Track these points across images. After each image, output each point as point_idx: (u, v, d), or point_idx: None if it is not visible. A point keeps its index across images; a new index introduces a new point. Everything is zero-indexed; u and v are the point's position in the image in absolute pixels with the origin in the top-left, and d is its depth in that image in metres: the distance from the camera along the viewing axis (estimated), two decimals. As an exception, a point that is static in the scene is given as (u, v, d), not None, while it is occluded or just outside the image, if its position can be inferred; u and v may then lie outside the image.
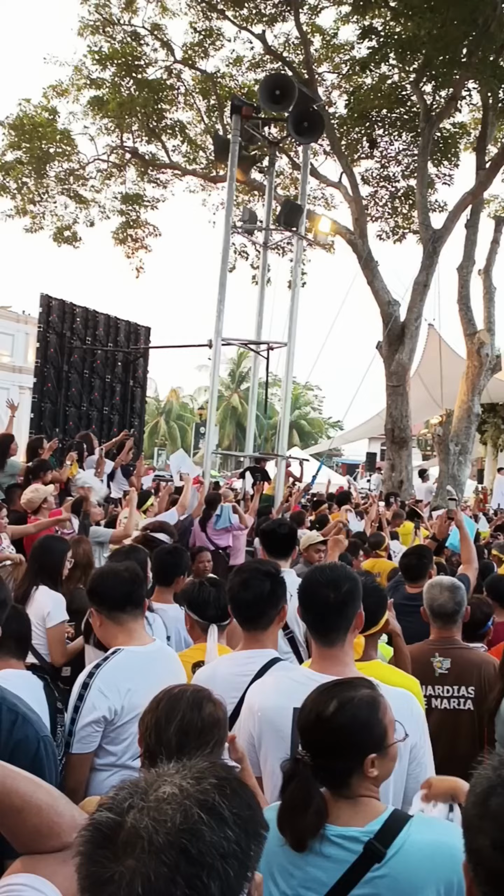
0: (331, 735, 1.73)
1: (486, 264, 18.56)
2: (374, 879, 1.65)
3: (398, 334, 17.00)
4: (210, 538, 8.43)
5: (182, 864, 0.90)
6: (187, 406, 59.13)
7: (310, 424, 58.44)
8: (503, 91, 16.36)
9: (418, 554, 5.47)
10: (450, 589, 3.61)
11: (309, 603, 2.37)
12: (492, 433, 24.82)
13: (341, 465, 37.62)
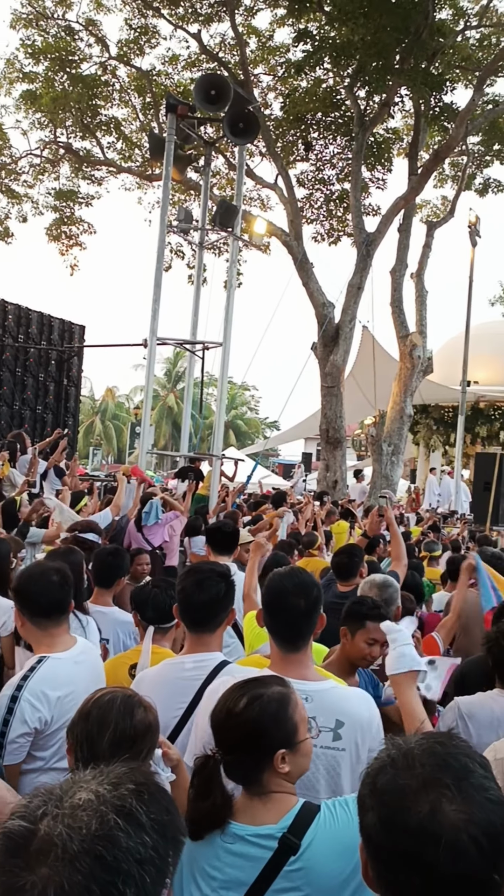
0: (239, 730, 1.75)
1: (418, 268, 18.90)
2: (291, 873, 1.68)
3: (333, 336, 17.19)
4: (145, 537, 8.38)
5: (97, 871, 0.89)
6: (123, 405, 58.60)
7: (246, 424, 58.61)
8: (434, 99, 16.70)
9: (349, 553, 5.54)
10: (380, 586, 3.67)
11: (278, 611, 2.35)
12: (424, 434, 25.24)
13: (278, 466, 37.80)
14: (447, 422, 24.03)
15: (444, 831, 1.01)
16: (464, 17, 17.81)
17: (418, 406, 23.28)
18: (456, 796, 1.04)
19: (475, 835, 1.01)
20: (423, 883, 1.01)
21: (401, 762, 1.11)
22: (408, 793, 1.06)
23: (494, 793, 1.07)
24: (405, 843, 1.03)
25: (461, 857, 1.00)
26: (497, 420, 23.14)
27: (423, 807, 1.04)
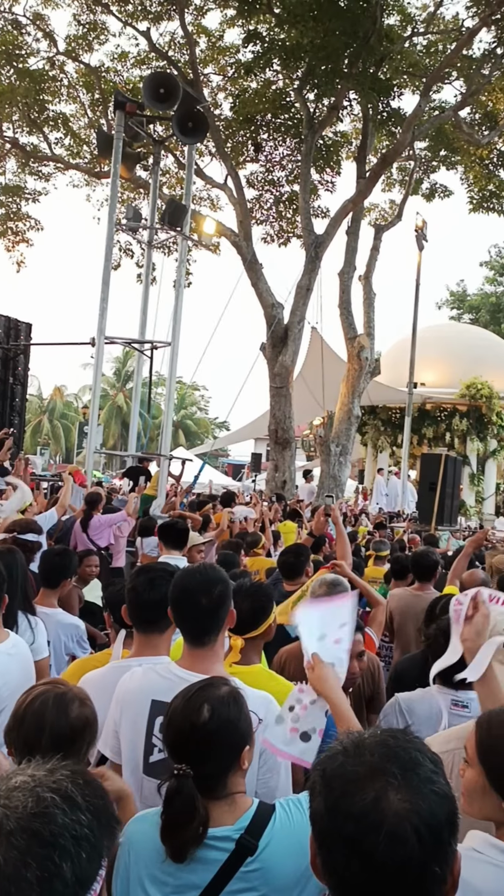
0: (211, 740, 1.71)
1: (366, 271, 19.08)
2: (248, 874, 1.67)
3: (281, 336, 17.27)
4: (91, 538, 8.30)
5: (33, 846, 0.91)
6: (71, 405, 57.95)
7: (196, 424, 58.48)
8: (382, 103, 16.91)
9: (295, 552, 5.57)
10: (329, 584, 3.70)
11: (181, 609, 2.35)
12: (372, 435, 25.52)
13: (227, 466, 37.83)
14: (394, 423, 24.34)
15: (386, 819, 1.03)
16: (411, 23, 18.05)
17: (366, 407, 23.53)
18: (402, 786, 1.06)
19: (417, 825, 1.02)
20: (362, 869, 1.02)
21: (352, 750, 1.12)
22: (355, 779, 1.07)
23: (441, 787, 1.09)
24: (348, 828, 1.04)
25: (401, 846, 1.01)
26: (443, 422, 23.52)
27: (368, 794, 1.05)
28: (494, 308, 40.20)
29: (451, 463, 16.86)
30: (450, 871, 1.07)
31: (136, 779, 2.26)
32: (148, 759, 2.25)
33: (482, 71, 17.11)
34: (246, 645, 2.92)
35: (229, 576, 5.09)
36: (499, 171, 19.69)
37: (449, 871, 1.07)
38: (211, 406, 64.39)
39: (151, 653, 2.66)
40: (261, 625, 2.97)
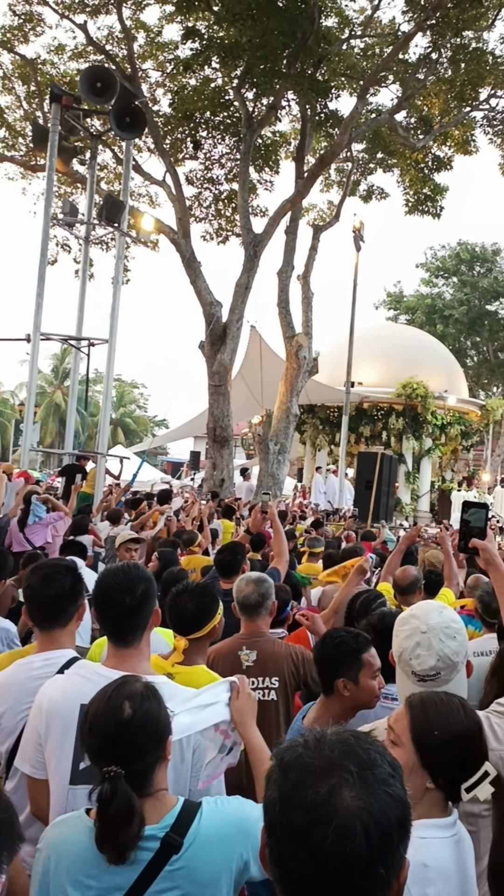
0: (135, 737, 1.69)
1: (304, 270, 19.21)
2: (172, 872, 1.66)
3: (220, 335, 17.26)
4: (27, 537, 8.18)
5: None
6: (7, 402, 56.79)
7: (135, 422, 58.00)
8: (320, 105, 17.04)
9: (232, 550, 5.57)
10: (255, 582, 3.70)
11: (104, 607, 2.33)
12: (310, 433, 25.70)
13: (166, 464, 37.64)
14: (333, 422, 24.57)
15: (337, 814, 1.03)
16: (349, 25, 18.26)
17: (305, 406, 23.69)
18: (356, 783, 1.06)
19: (367, 823, 1.03)
20: (308, 861, 1.02)
21: (312, 744, 1.12)
22: (311, 772, 1.08)
23: (396, 791, 1.09)
24: (299, 819, 1.04)
25: (348, 842, 1.01)
26: (380, 420, 23.83)
27: (322, 787, 1.05)
28: (430, 309, 40.92)
29: (386, 461, 17.16)
30: (395, 876, 1.07)
31: (63, 790, 2.21)
32: (78, 765, 2.21)
33: (417, 75, 17.41)
34: (190, 646, 2.93)
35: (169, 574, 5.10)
36: (433, 175, 20.06)
37: (395, 876, 1.07)
38: (150, 404, 63.95)
39: (54, 647, 2.64)
40: (205, 626, 2.98)
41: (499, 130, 19.08)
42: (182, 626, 2.98)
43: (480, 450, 33.15)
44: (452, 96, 18.13)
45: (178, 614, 3.00)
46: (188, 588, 3.06)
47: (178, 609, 3.00)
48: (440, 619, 2.10)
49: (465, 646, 2.13)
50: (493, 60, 17.43)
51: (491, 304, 40.97)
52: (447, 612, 2.15)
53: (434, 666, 2.05)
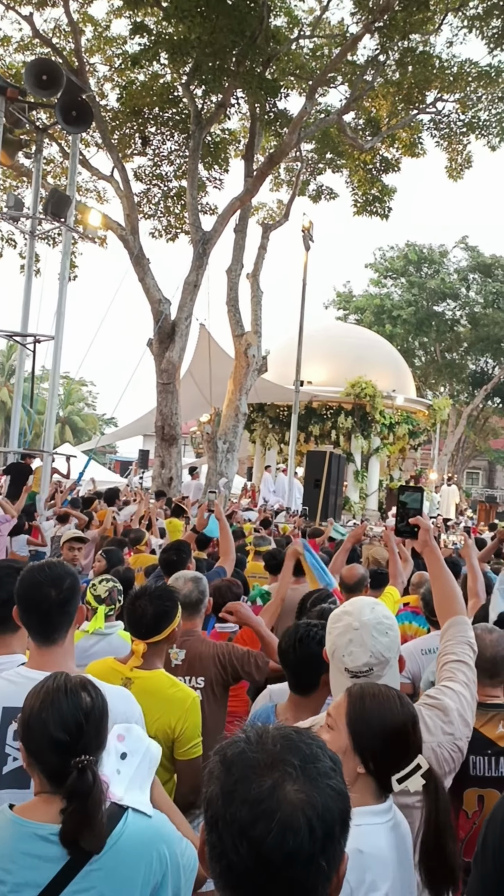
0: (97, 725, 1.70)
1: (253, 269, 19.22)
2: (91, 873, 1.63)
3: (169, 332, 17.16)
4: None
5: None
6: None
7: (83, 420, 57.38)
8: (269, 104, 17.08)
9: (177, 549, 5.54)
10: (193, 580, 3.70)
11: (29, 603, 2.27)
12: (260, 432, 25.74)
13: (115, 463, 37.36)
14: (282, 420, 24.64)
15: (280, 808, 1.03)
16: (298, 25, 18.33)
17: (255, 405, 23.73)
18: (300, 777, 1.06)
19: (310, 817, 1.03)
20: (250, 854, 1.02)
21: (254, 739, 1.12)
22: (254, 766, 1.08)
23: (338, 784, 1.10)
24: (242, 813, 1.04)
25: (291, 835, 1.02)
26: (329, 419, 23.98)
27: (265, 781, 1.05)
28: (378, 310, 41.34)
29: (335, 460, 17.27)
30: (336, 870, 1.08)
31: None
32: (1, 770, 2.15)
33: (366, 77, 17.56)
34: (148, 650, 2.90)
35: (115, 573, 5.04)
36: (382, 176, 20.26)
37: (335, 870, 1.08)
38: (99, 402, 63.36)
39: (4, 651, 2.58)
40: (164, 630, 2.95)
41: (445, 134, 19.36)
42: (141, 630, 2.94)
43: (428, 449, 33.63)
44: (400, 99, 18.33)
45: (137, 618, 2.95)
46: (147, 591, 3.01)
47: (137, 613, 2.95)
48: (373, 616, 2.10)
49: (398, 641, 2.15)
50: (439, 64, 17.69)
51: (438, 306, 41.58)
52: (379, 609, 2.16)
53: (367, 662, 2.05)
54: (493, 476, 52.56)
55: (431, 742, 2.07)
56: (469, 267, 41.52)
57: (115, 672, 2.90)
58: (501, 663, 2.98)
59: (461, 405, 41.40)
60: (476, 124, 18.97)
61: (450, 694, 2.21)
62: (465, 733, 2.17)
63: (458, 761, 2.15)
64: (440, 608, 2.56)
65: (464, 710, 2.19)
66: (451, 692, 2.21)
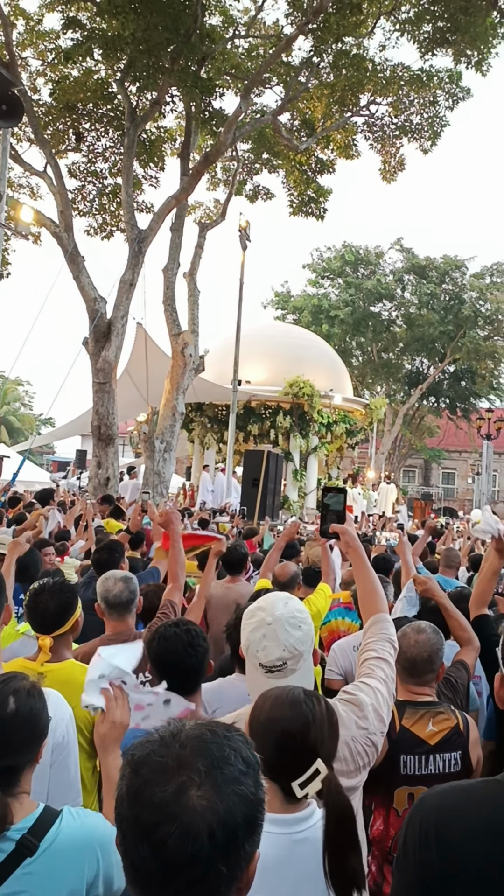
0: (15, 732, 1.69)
1: (190, 268, 19.17)
2: (23, 876, 1.62)
3: (104, 331, 16.96)
4: None
5: None
6: None
7: (19, 420, 56.32)
8: (204, 102, 17.04)
9: (109, 549, 5.51)
10: (123, 580, 3.67)
11: None
12: (199, 431, 25.68)
13: (52, 463, 36.81)
14: (221, 420, 24.63)
15: (183, 813, 1.04)
16: (233, 25, 18.34)
17: (193, 404, 23.66)
18: (204, 783, 1.07)
19: (211, 823, 1.04)
20: (151, 856, 1.04)
21: (167, 739, 1.13)
22: (161, 769, 1.08)
23: (246, 789, 1.10)
24: (145, 815, 1.05)
25: (191, 841, 1.03)
26: (267, 419, 24.07)
27: (170, 786, 1.06)
28: (316, 310, 41.67)
29: (272, 459, 17.32)
30: (243, 871, 1.09)
31: None
32: None
33: (300, 78, 17.67)
34: (55, 643, 2.96)
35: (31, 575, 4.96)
36: (317, 177, 20.43)
37: (241, 871, 1.09)
38: (35, 402, 62.25)
39: None
40: (67, 621, 3.02)
41: (378, 136, 19.63)
42: (45, 624, 3.00)
43: (365, 447, 34.08)
44: (334, 101, 18.52)
45: (39, 613, 3.01)
46: (46, 587, 3.06)
47: (40, 608, 3.01)
48: (285, 610, 2.11)
49: (311, 635, 2.16)
50: (372, 68, 17.92)
51: (374, 306, 42.14)
52: (293, 603, 2.17)
53: (280, 656, 2.06)
54: (429, 474, 53.60)
55: (346, 736, 2.09)
56: (404, 268, 42.20)
57: (26, 670, 2.90)
58: (422, 665, 3.01)
59: (397, 404, 42.08)
60: (408, 127, 19.30)
61: (366, 689, 2.23)
62: (379, 728, 2.18)
63: (373, 756, 2.17)
64: (363, 605, 2.59)
65: (379, 706, 2.20)
66: (368, 688, 2.24)
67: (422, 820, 1.50)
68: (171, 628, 2.63)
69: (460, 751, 2.89)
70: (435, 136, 19.40)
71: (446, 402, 44.32)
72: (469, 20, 16.10)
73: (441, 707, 3.00)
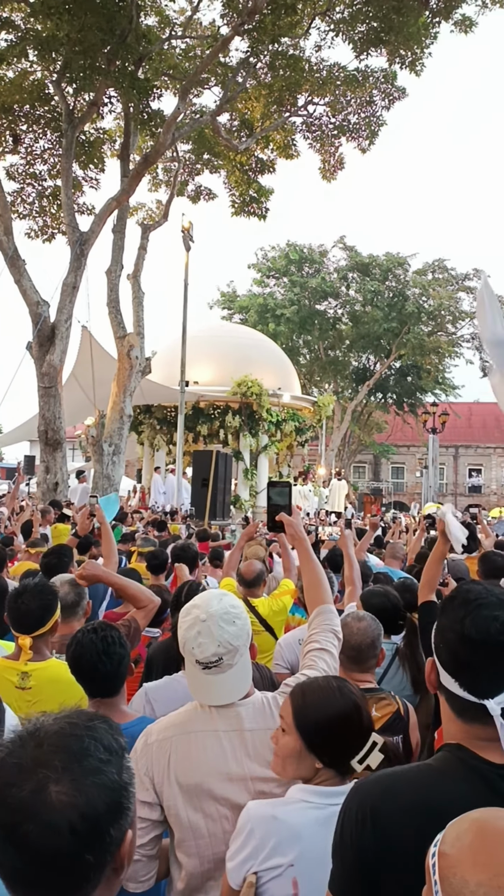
0: None
1: (134, 270, 19.07)
2: None
3: (48, 335, 16.76)
4: None
5: None
6: None
7: (-35, 428, 55.38)
8: (142, 103, 16.96)
9: (58, 553, 5.52)
10: (70, 583, 3.71)
11: None
12: (148, 434, 25.54)
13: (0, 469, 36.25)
14: (170, 421, 24.54)
15: (42, 810, 1.07)
16: (169, 25, 18.30)
17: (141, 406, 23.55)
18: (62, 778, 1.09)
19: (72, 817, 1.07)
20: (16, 855, 1.06)
21: (26, 739, 1.14)
22: (18, 771, 1.10)
23: (107, 778, 1.13)
24: (6, 817, 1.07)
25: (54, 836, 1.06)
26: (216, 419, 24.06)
27: (29, 785, 1.08)
28: (262, 309, 41.80)
29: (222, 459, 17.36)
30: (113, 855, 1.13)
31: None
32: None
33: (237, 79, 17.72)
34: (35, 643, 3.07)
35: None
36: (258, 177, 20.51)
37: (111, 855, 1.13)
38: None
39: None
40: (48, 622, 3.13)
41: (317, 136, 19.80)
42: (27, 624, 3.10)
43: (315, 445, 34.28)
44: (272, 101, 18.62)
45: (22, 614, 3.11)
46: (28, 588, 3.16)
47: (22, 609, 3.11)
48: (220, 606, 2.15)
49: (247, 630, 2.19)
50: (309, 68, 18.07)
51: (320, 304, 42.44)
52: (227, 599, 2.21)
53: (215, 652, 2.09)
54: (379, 469, 54.23)
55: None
56: (348, 266, 42.58)
57: (9, 669, 3.05)
58: (366, 651, 3.09)
59: (345, 401, 42.47)
60: (346, 127, 19.51)
61: None
62: None
63: None
64: (308, 597, 2.64)
65: None
66: None
67: (358, 805, 1.55)
68: (87, 635, 2.65)
69: (402, 734, 2.97)
70: (373, 136, 19.65)
71: (393, 398, 44.87)
72: (402, 20, 16.35)
73: (382, 693, 3.08)
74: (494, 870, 1.04)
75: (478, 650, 1.52)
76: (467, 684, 1.53)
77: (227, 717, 2.15)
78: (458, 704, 1.57)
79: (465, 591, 1.63)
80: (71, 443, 24.15)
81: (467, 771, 1.52)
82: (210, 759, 2.08)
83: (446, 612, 1.62)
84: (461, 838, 1.11)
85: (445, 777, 1.53)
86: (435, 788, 1.51)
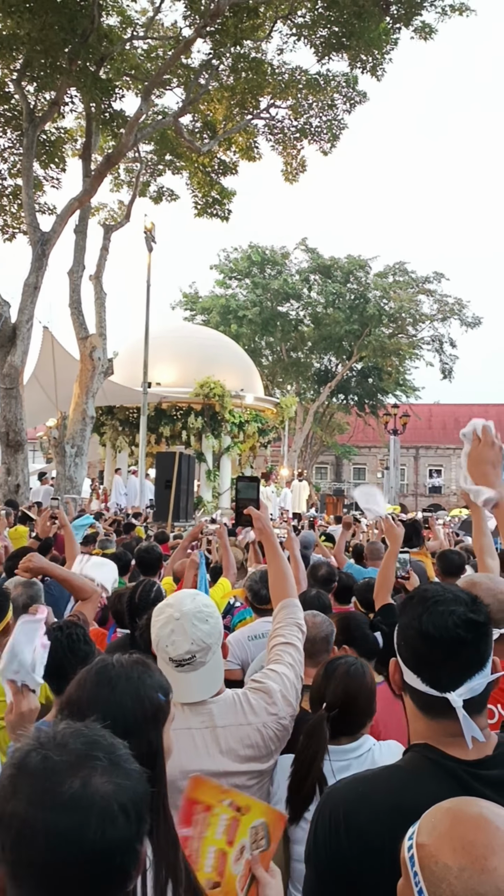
0: None
1: (96, 270, 18.97)
2: None
3: (9, 336, 16.58)
4: None
5: None
6: None
7: None
8: (104, 104, 16.90)
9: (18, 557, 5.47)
10: (24, 584, 3.74)
11: None
12: (110, 435, 25.41)
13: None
14: (132, 422, 24.45)
15: (95, 801, 1.06)
16: (131, 25, 18.25)
17: (104, 407, 23.41)
18: (107, 768, 1.10)
19: (123, 802, 1.07)
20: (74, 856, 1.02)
21: (50, 744, 1.13)
22: (59, 770, 1.08)
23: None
24: (57, 819, 1.04)
25: (111, 824, 1.05)
26: (179, 420, 24.04)
27: (75, 781, 1.07)
28: (224, 310, 41.78)
29: (184, 460, 17.33)
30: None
31: None
32: None
33: (200, 80, 17.74)
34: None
35: None
36: (220, 179, 20.54)
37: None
38: None
39: None
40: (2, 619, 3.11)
41: (279, 139, 19.90)
42: None
43: (277, 446, 34.41)
44: (234, 103, 18.68)
45: None
46: None
47: None
48: (193, 605, 2.19)
49: (219, 629, 2.24)
50: (271, 71, 18.16)
51: (282, 306, 42.54)
52: (200, 598, 2.25)
53: (189, 650, 2.13)
54: (341, 470, 54.61)
55: (257, 723, 2.19)
56: (310, 268, 42.76)
57: None
58: (320, 643, 3.15)
59: (308, 402, 42.65)
60: (308, 130, 19.64)
61: (273, 676, 2.33)
62: (288, 712, 2.29)
63: (284, 739, 2.29)
64: (273, 591, 2.69)
65: (287, 691, 2.31)
66: (275, 674, 2.34)
67: (331, 811, 1.57)
68: (54, 632, 2.67)
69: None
70: (334, 139, 19.81)
71: (355, 399, 45.18)
72: (363, 25, 16.51)
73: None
74: (475, 852, 1.08)
75: (437, 645, 1.56)
76: (429, 679, 1.57)
77: (200, 715, 2.18)
78: (422, 701, 1.60)
79: (423, 590, 1.68)
80: (32, 444, 23.91)
81: (436, 769, 1.55)
82: (183, 757, 2.09)
83: (406, 611, 1.66)
84: (437, 827, 1.14)
85: (415, 777, 1.56)
86: (405, 790, 1.54)
